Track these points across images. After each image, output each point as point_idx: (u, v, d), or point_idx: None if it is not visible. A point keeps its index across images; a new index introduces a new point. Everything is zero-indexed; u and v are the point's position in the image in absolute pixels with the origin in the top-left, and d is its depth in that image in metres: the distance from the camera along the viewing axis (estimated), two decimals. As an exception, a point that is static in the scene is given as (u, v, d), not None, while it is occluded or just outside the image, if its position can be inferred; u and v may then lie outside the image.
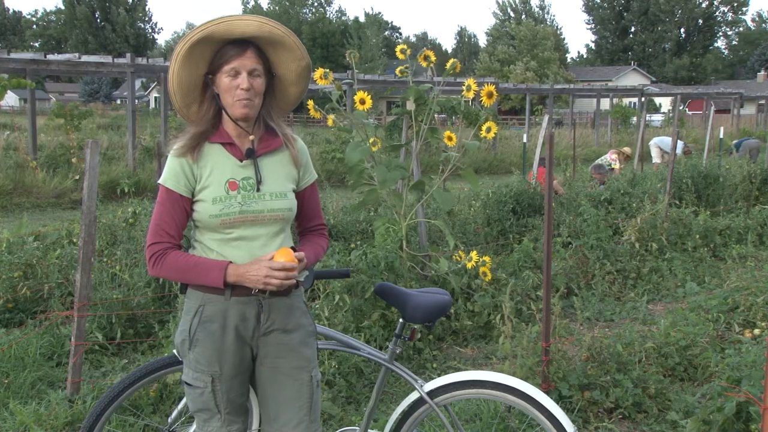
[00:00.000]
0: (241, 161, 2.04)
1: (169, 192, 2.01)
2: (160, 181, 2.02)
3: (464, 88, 4.26)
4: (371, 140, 4.45)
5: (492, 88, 4.14)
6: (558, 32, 61.38)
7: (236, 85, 1.97)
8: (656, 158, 13.82)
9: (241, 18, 1.96)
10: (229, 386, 2.07)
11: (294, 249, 2.06)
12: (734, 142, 15.86)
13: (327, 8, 65.11)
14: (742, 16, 72.49)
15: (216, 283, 1.96)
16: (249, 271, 1.95)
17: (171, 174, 2.01)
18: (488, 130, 4.28)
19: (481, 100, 4.18)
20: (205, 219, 2.01)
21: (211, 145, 2.04)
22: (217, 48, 1.99)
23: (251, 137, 2.05)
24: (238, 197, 2.01)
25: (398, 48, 4.55)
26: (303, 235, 2.25)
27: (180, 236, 2.03)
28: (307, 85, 2.16)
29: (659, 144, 13.86)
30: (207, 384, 2.04)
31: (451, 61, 4.39)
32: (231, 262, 1.98)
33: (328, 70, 4.28)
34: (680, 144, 12.70)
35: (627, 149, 11.85)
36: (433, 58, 4.48)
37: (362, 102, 4.38)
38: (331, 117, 4.53)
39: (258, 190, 2.03)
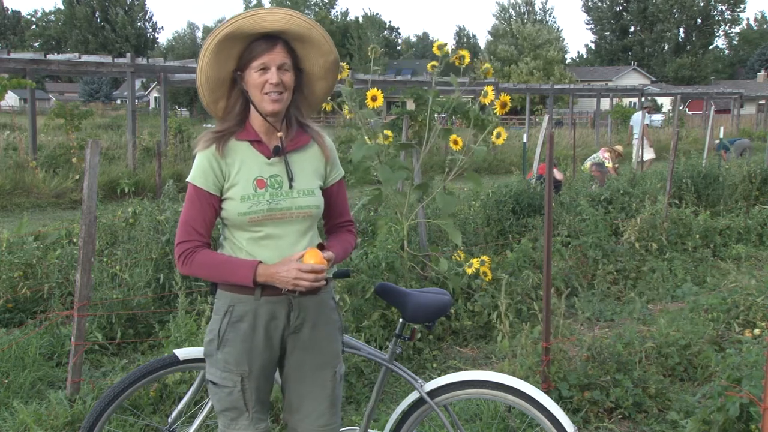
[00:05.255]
0: (269, 159, 2.05)
1: (197, 190, 2.02)
2: (188, 179, 2.03)
3: (482, 93, 4.20)
4: (381, 136, 4.41)
5: (507, 98, 4.06)
6: (559, 34, 61.41)
7: (265, 80, 1.98)
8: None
9: (270, 11, 1.98)
10: (257, 384, 2.09)
11: (322, 246, 2.07)
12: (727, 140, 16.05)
13: (331, 9, 65.19)
14: (740, 14, 72.50)
15: (245, 282, 1.97)
16: (279, 272, 1.96)
17: (199, 172, 2.02)
18: (498, 135, 4.22)
19: (494, 109, 4.13)
20: (233, 217, 2.02)
21: (239, 142, 2.05)
22: (245, 44, 1.99)
23: (279, 134, 2.05)
24: (266, 195, 2.02)
25: (436, 44, 4.40)
26: (331, 232, 2.26)
27: (209, 234, 2.04)
28: (335, 81, 2.16)
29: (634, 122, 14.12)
30: (236, 383, 2.06)
31: (485, 65, 4.31)
32: (261, 261, 1.99)
33: (343, 64, 4.12)
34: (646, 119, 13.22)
35: (619, 147, 11.85)
36: (467, 60, 4.39)
37: (374, 99, 4.25)
38: (347, 111, 4.42)
39: (290, 186, 2.04)
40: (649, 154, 13.92)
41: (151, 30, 71.78)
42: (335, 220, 2.24)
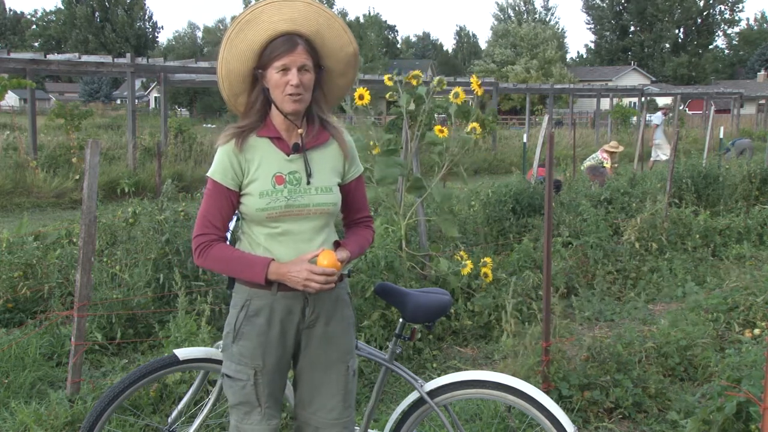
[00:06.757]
0: (288, 155, 2.07)
1: (216, 185, 2.04)
2: (208, 174, 2.06)
3: (451, 95, 4.60)
4: (370, 143, 4.54)
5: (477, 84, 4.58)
6: (561, 33, 61.45)
7: (286, 81, 1.99)
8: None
9: (290, 0, 1.99)
10: (270, 379, 2.11)
11: (338, 242, 2.11)
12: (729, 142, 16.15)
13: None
14: (740, 14, 72.60)
15: (257, 279, 2.00)
16: (290, 271, 1.98)
17: (219, 167, 2.05)
18: (473, 130, 4.67)
19: (475, 92, 4.56)
20: (251, 212, 2.05)
21: (259, 138, 2.07)
22: (266, 41, 1.99)
23: (300, 131, 2.07)
24: (285, 191, 2.04)
25: (386, 77, 4.79)
26: (349, 227, 2.28)
27: (226, 228, 2.07)
28: (355, 76, 2.18)
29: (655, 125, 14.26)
30: (250, 377, 2.08)
31: (437, 79, 4.68)
32: (273, 259, 2.02)
33: None
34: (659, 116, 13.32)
35: (614, 143, 11.83)
36: (419, 80, 4.73)
37: (361, 98, 4.52)
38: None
39: (308, 183, 2.06)
40: (664, 155, 13.94)
41: (151, 30, 71.72)
42: (354, 216, 2.26)
